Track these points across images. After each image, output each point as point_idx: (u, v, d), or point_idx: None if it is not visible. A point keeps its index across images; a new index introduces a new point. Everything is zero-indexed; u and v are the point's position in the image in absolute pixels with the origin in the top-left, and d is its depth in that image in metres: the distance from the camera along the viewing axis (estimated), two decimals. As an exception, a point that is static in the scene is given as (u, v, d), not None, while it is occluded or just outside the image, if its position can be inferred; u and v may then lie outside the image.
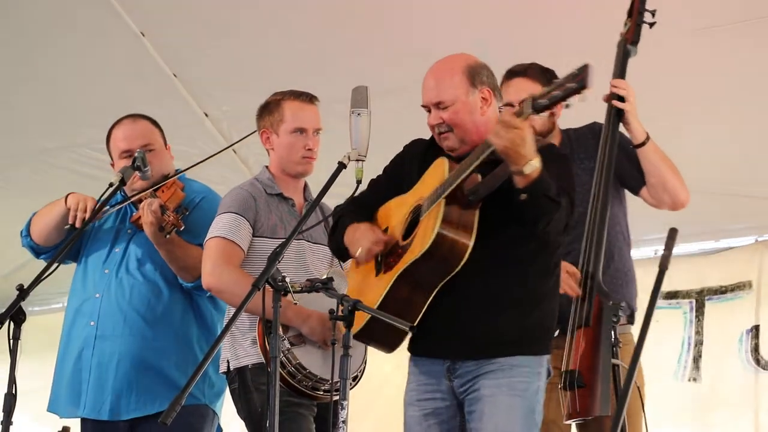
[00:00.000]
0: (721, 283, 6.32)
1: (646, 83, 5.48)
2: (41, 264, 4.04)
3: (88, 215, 4.50)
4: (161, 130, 4.80)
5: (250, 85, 5.84)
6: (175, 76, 6.18)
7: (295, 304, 4.22)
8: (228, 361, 4.33)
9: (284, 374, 4.11)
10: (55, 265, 4.01)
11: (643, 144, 4.30)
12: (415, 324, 3.56)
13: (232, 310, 4.27)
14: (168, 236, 4.40)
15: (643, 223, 6.29)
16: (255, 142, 6.41)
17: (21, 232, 4.80)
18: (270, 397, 3.48)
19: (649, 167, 4.34)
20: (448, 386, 3.62)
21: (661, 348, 6.27)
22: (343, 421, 3.55)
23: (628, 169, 4.40)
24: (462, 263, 3.54)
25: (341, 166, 3.86)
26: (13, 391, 3.72)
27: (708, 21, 5.16)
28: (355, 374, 4.28)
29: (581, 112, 4.08)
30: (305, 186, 4.57)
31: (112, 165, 4.75)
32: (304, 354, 4.17)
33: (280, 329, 3.92)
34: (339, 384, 3.53)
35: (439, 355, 3.68)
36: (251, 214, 4.34)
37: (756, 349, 6.14)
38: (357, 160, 3.88)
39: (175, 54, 6.13)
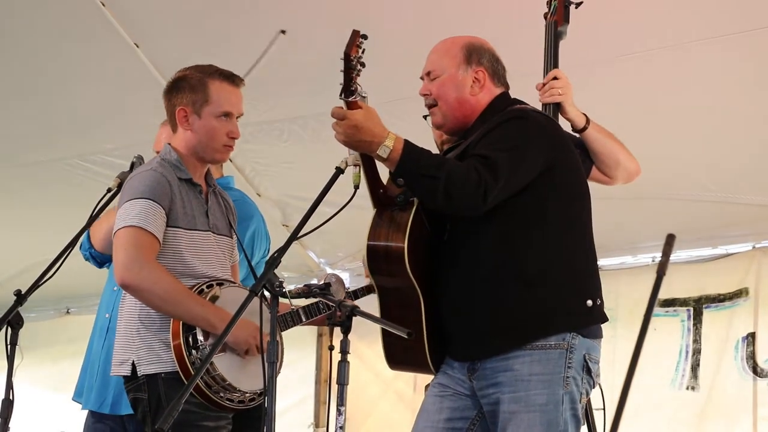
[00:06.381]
0: (718, 291, 6.29)
1: (644, 91, 5.52)
2: (39, 271, 4.02)
3: None
4: None
5: (245, 96, 5.83)
6: (170, 87, 6.18)
7: (293, 308, 4.19)
8: (133, 364, 3.86)
9: (200, 384, 3.77)
10: (52, 271, 3.99)
11: (585, 129, 4.13)
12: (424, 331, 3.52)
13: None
14: None
15: (640, 231, 6.32)
16: (251, 150, 6.47)
17: (80, 245, 4.66)
18: (268, 401, 3.34)
19: (598, 147, 4.11)
20: (470, 386, 3.57)
21: (658, 356, 6.28)
22: (341, 427, 3.52)
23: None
24: (408, 265, 3.47)
25: (338, 171, 3.84)
26: (11, 397, 3.72)
27: (706, 32, 5.17)
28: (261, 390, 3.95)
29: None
30: (207, 170, 4.16)
31: None
32: (223, 363, 3.84)
33: (201, 335, 3.81)
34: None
35: (451, 355, 3.62)
36: (166, 201, 3.90)
37: (752, 357, 6.13)
38: (354, 165, 3.86)
39: (170, 65, 6.09)
